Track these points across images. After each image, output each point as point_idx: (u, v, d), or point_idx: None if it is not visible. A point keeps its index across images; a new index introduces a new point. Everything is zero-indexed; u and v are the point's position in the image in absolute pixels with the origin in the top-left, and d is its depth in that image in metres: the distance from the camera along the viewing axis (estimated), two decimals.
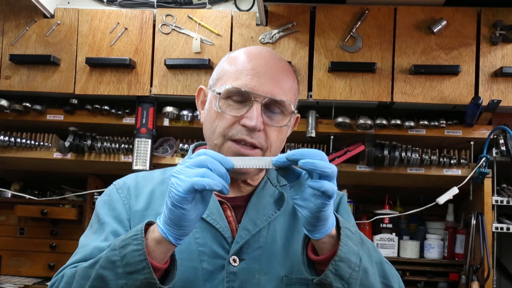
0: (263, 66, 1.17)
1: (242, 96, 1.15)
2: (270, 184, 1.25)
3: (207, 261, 1.14)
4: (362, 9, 2.51)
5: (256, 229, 1.17)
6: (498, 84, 2.47)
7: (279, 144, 1.20)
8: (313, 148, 1.10)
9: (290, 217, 1.22)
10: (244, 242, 1.15)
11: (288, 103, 1.17)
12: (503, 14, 2.47)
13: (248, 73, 1.16)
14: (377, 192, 2.86)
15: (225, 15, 2.58)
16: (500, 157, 2.54)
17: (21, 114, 2.69)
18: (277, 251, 1.17)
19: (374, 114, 2.58)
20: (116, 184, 1.28)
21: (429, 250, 2.74)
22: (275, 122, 1.16)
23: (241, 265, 1.14)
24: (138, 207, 1.21)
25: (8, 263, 2.97)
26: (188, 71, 2.55)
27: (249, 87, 1.14)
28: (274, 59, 1.20)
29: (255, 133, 1.14)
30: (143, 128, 2.59)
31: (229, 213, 1.19)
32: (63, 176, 3.02)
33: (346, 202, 1.33)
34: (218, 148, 1.16)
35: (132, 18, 2.61)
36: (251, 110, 1.13)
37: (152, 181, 1.26)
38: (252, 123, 1.12)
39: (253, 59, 1.19)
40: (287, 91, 1.18)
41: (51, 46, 2.62)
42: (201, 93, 1.27)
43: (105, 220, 1.20)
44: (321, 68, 2.51)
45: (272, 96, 1.14)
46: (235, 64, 1.19)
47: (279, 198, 1.23)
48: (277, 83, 1.16)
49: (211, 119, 1.19)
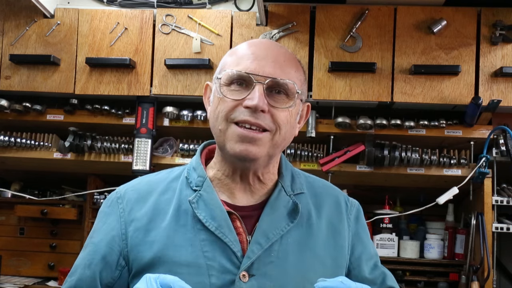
0: (263, 50, 1.15)
1: (243, 80, 1.12)
2: (284, 193, 1.18)
3: (215, 276, 1.09)
4: (362, 9, 2.51)
5: (269, 243, 1.12)
6: (498, 84, 2.47)
7: (289, 128, 1.15)
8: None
9: (303, 230, 1.17)
10: (255, 258, 1.10)
11: (291, 84, 1.12)
12: (503, 14, 2.47)
13: (248, 58, 1.13)
14: (377, 192, 2.85)
15: (225, 15, 2.58)
16: (500, 157, 2.54)
17: (21, 114, 2.69)
18: (288, 266, 1.12)
19: (374, 114, 2.58)
20: (118, 192, 1.23)
21: (429, 250, 2.73)
22: (279, 104, 1.12)
23: (251, 281, 1.09)
24: (139, 223, 1.16)
25: (8, 263, 2.97)
26: (188, 71, 2.55)
27: (249, 69, 1.11)
28: (275, 45, 1.19)
29: (259, 114, 1.10)
30: (143, 128, 2.59)
31: (238, 224, 1.14)
32: (63, 176, 3.01)
33: (363, 217, 1.29)
34: (223, 133, 1.12)
35: (132, 18, 2.61)
36: (253, 92, 1.10)
37: (156, 188, 1.20)
38: (254, 101, 1.08)
39: (253, 45, 1.17)
40: (289, 73, 1.14)
41: (51, 46, 2.62)
42: (208, 89, 1.24)
43: (94, 240, 1.18)
44: (321, 68, 2.51)
45: (274, 77, 1.11)
46: (236, 53, 1.17)
47: (293, 209, 1.17)
48: (278, 65, 1.13)
49: (214, 107, 1.15)
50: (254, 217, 1.15)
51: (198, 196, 1.15)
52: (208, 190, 1.16)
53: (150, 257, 1.11)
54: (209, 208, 1.13)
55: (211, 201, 1.14)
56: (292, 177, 1.23)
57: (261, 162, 1.14)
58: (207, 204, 1.14)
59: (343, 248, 1.20)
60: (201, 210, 1.13)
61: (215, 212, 1.13)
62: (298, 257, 1.14)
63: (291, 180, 1.22)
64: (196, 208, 1.13)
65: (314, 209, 1.21)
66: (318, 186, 1.27)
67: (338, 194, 1.28)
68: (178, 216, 1.14)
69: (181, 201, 1.16)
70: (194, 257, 1.09)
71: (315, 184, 1.27)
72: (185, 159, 2.63)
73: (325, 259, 1.17)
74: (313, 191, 1.24)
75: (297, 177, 1.24)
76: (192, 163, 1.23)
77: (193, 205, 1.13)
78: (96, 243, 1.18)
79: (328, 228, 1.20)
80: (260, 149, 1.11)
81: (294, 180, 1.22)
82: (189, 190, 1.17)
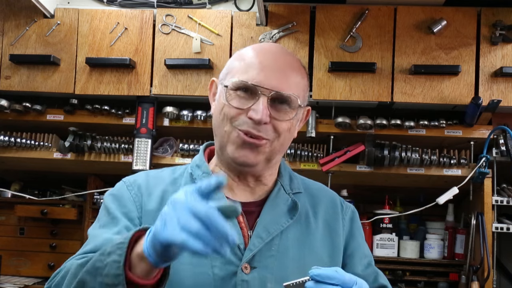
0: (270, 60, 1.18)
1: (249, 89, 1.15)
2: (283, 191, 1.24)
3: (218, 267, 1.13)
4: (362, 9, 2.51)
5: (270, 237, 1.16)
6: (498, 84, 2.47)
7: (288, 135, 1.20)
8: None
9: (302, 227, 1.22)
10: (257, 250, 1.14)
11: (294, 97, 1.16)
12: (503, 14, 2.47)
13: (255, 67, 1.16)
14: (377, 192, 2.85)
15: (225, 15, 2.58)
16: (500, 157, 2.54)
17: (21, 114, 2.69)
18: (288, 261, 1.17)
19: (374, 114, 2.58)
20: (126, 181, 1.25)
21: (429, 250, 2.73)
22: (281, 116, 1.16)
23: (253, 273, 1.13)
24: (150, 206, 1.19)
25: (8, 263, 2.97)
26: (188, 71, 2.55)
27: (256, 80, 1.15)
28: (282, 53, 1.21)
29: (262, 126, 1.14)
30: (143, 128, 2.59)
31: (241, 219, 1.18)
32: (63, 176, 3.01)
33: (358, 219, 1.33)
34: (228, 135, 1.16)
35: (132, 18, 2.61)
36: (257, 103, 1.14)
37: (163, 180, 1.24)
38: (258, 116, 1.12)
39: (261, 53, 1.19)
40: (294, 85, 1.18)
41: (51, 46, 2.62)
42: (213, 85, 1.28)
43: (116, 214, 1.18)
44: (321, 68, 2.51)
45: (278, 90, 1.14)
46: (244, 59, 1.20)
47: (293, 206, 1.22)
48: (284, 77, 1.16)
49: (219, 110, 1.19)
50: (255, 213, 1.20)
51: None
52: None
53: None
54: (213, 201, 1.15)
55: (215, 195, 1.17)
56: (290, 178, 1.28)
57: (258, 168, 1.19)
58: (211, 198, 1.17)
59: (338, 247, 1.25)
60: None
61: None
62: (297, 253, 1.18)
63: (289, 180, 1.27)
64: None
65: (310, 209, 1.25)
66: (314, 188, 1.32)
67: (334, 196, 1.33)
68: None
69: None
70: None
71: (311, 186, 1.32)
72: (185, 159, 2.63)
73: (322, 256, 1.21)
74: (310, 192, 1.29)
75: (295, 178, 1.29)
76: (196, 160, 1.27)
77: None
78: (118, 217, 1.17)
79: (325, 227, 1.25)
80: (258, 156, 1.16)
81: (292, 181, 1.28)
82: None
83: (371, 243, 2.73)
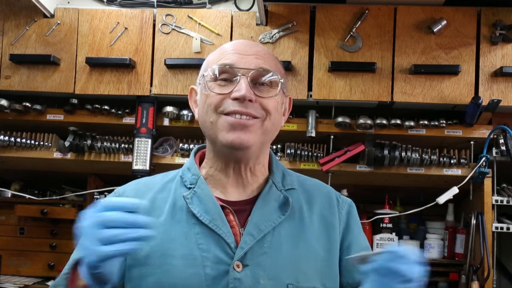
0: (244, 46, 1.22)
1: (228, 73, 1.18)
2: (275, 188, 1.24)
3: (210, 266, 1.13)
4: (362, 9, 2.51)
5: (261, 234, 1.16)
6: (498, 84, 2.47)
7: (278, 116, 1.22)
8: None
9: (295, 223, 1.21)
10: (248, 248, 1.14)
11: (274, 73, 1.19)
12: (503, 14, 2.47)
13: (230, 52, 1.20)
14: (377, 192, 2.85)
15: (225, 15, 2.58)
16: (500, 157, 2.54)
17: (21, 114, 2.69)
18: (282, 257, 1.16)
19: (374, 114, 2.58)
20: (117, 192, 1.28)
21: (429, 250, 2.73)
22: (265, 94, 1.18)
23: (245, 271, 1.13)
24: None
25: (8, 263, 2.97)
26: (188, 71, 2.55)
27: (233, 62, 1.18)
28: (255, 43, 1.27)
29: (248, 104, 1.15)
30: (143, 128, 2.59)
31: (231, 217, 1.19)
32: (63, 176, 3.01)
33: (356, 213, 1.33)
34: (214, 125, 1.17)
35: (132, 18, 2.61)
36: (238, 84, 1.16)
37: (153, 187, 1.25)
38: (241, 92, 1.14)
39: (234, 44, 1.25)
40: (271, 64, 1.21)
41: (51, 46, 2.62)
42: (193, 92, 1.30)
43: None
44: (321, 68, 2.51)
45: (257, 67, 1.17)
46: (218, 51, 1.25)
47: (284, 202, 1.22)
48: (259, 57, 1.20)
49: (202, 103, 1.21)
50: (247, 211, 1.20)
51: (192, 192, 1.20)
52: (202, 186, 1.21)
53: (146, 250, 1.14)
54: (203, 203, 1.18)
55: (204, 197, 1.19)
56: (283, 175, 1.28)
57: (253, 150, 1.19)
58: (201, 199, 1.19)
59: (335, 241, 1.24)
60: (195, 205, 1.18)
61: (208, 206, 1.18)
62: (291, 248, 1.18)
63: (282, 177, 1.27)
64: (191, 204, 1.18)
65: (305, 204, 1.25)
66: (309, 184, 1.32)
67: (330, 191, 1.33)
68: (173, 212, 1.19)
69: (176, 198, 1.21)
70: (189, 249, 1.13)
71: (307, 182, 1.32)
72: (185, 159, 2.63)
73: (318, 250, 1.21)
74: (305, 188, 1.29)
75: (288, 175, 1.30)
76: (187, 164, 1.28)
77: (188, 200, 1.19)
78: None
79: (321, 222, 1.24)
80: (252, 136, 1.16)
81: (285, 178, 1.28)
82: (183, 189, 1.22)
83: (371, 243, 2.72)
